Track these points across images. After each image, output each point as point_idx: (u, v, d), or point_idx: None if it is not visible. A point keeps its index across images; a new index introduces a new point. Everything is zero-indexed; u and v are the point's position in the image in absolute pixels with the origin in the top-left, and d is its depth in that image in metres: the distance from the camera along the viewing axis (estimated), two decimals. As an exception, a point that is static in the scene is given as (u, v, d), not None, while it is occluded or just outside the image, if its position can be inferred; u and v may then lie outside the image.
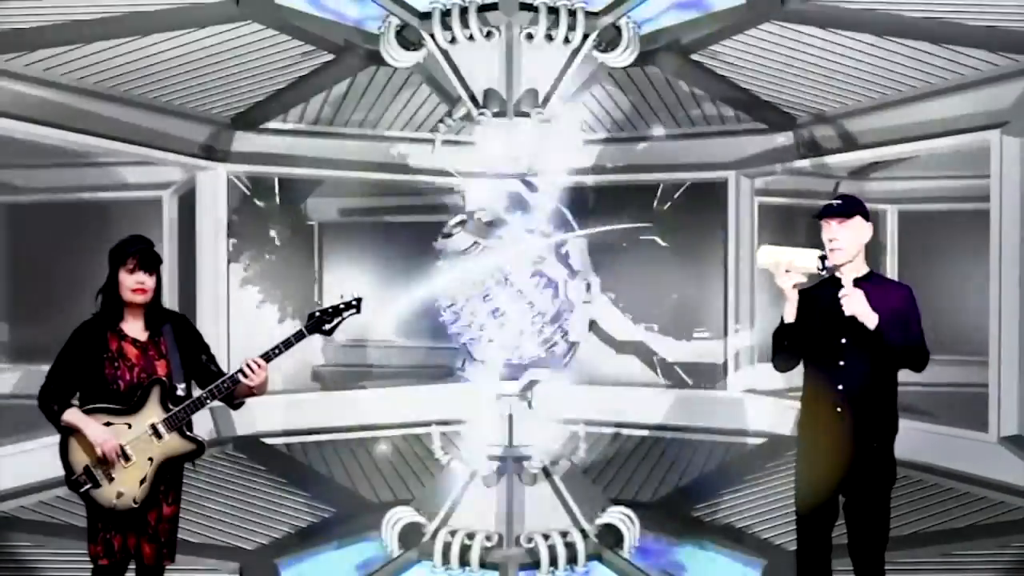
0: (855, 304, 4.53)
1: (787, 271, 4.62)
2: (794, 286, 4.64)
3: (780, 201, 7.87)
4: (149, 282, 4.68)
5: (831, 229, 4.69)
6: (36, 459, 6.20)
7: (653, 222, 7.87)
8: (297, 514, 6.98)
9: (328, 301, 5.01)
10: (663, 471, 7.33)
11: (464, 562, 6.84)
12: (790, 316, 4.68)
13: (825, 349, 4.67)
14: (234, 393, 4.76)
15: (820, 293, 4.74)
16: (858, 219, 4.69)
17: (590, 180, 7.82)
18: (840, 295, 4.56)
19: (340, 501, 7.19)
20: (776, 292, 4.77)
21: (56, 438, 4.69)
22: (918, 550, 6.26)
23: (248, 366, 4.67)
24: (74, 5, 6.62)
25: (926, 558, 6.25)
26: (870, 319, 4.53)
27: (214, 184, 7.72)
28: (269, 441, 7.59)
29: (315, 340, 5.18)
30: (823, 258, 4.61)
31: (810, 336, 4.69)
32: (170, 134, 7.49)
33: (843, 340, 4.64)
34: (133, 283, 4.66)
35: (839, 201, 4.74)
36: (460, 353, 7.64)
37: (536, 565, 6.83)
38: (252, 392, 4.77)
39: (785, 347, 4.75)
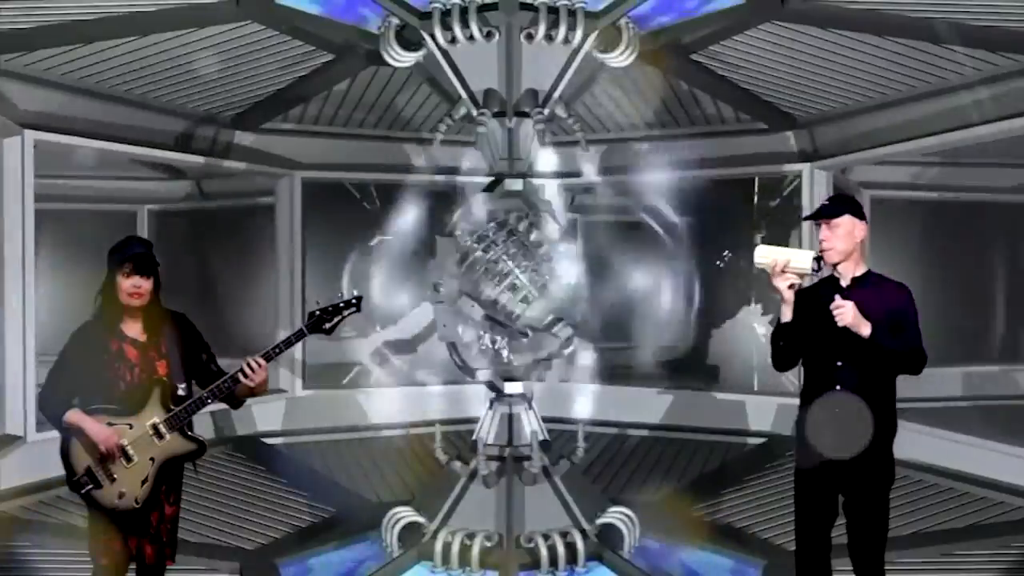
0: (847, 317, 4.52)
1: (783, 271, 4.62)
2: (790, 287, 4.63)
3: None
4: (146, 285, 4.68)
5: (821, 230, 4.69)
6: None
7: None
8: (297, 514, 6.98)
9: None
10: (663, 471, 7.33)
11: (464, 562, 6.84)
12: (786, 316, 4.67)
13: (823, 349, 4.67)
14: (235, 393, 4.76)
15: (818, 292, 4.73)
16: (847, 218, 4.67)
17: (592, 180, 7.83)
18: (832, 308, 4.54)
19: (340, 501, 7.19)
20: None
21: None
22: (918, 550, 6.26)
23: (248, 365, 4.67)
24: (74, 5, 6.62)
25: (926, 558, 6.25)
26: (863, 329, 4.52)
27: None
28: (269, 441, 7.59)
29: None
30: (818, 259, 4.61)
31: (808, 335, 4.68)
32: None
33: (840, 340, 4.64)
34: (130, 287, 4.66)
35: (827, 203, 4.74)
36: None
37: (536, 565, 6.83)
38: (253, 392, 4.76)
39: (782, 347, 4.75)
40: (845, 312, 4.51)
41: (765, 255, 4.67)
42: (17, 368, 6.81)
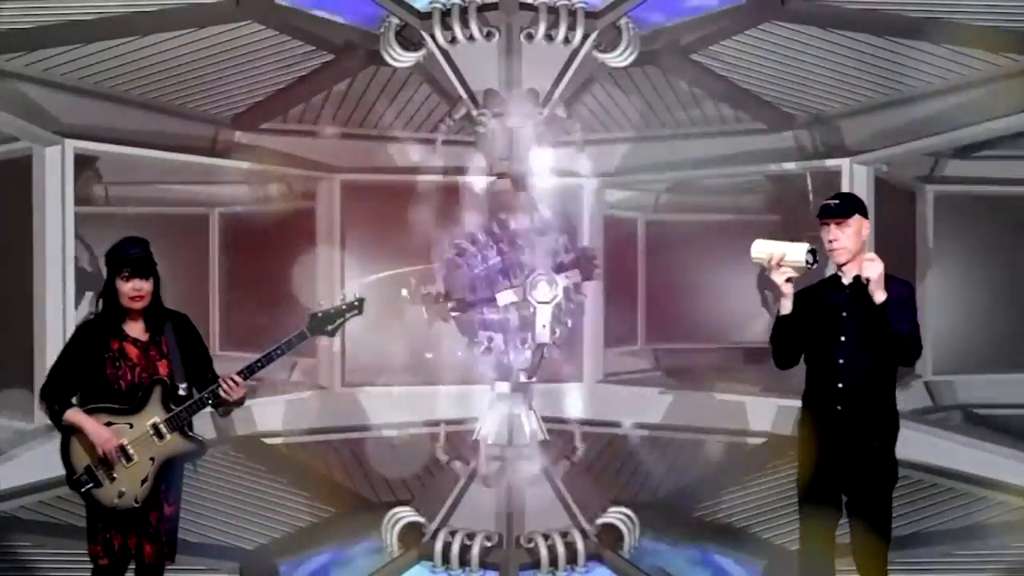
0: (878, 269, 4.49)
1: (779, 264, 4.62)
2: (787, 280, 4.63)
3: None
4: (146, 287, 4.69)
5: (831, 230, 4.68)
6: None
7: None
8: (297, 514, 6.98)
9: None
10: (663, 471, 7.32)
11: (464, 562, 6.84)
12: (786, 309, 4.68)
13: (824, 347, 4.68)
14: (219, 404, 4.76)
15: (819, 291, 4.75)
16: (856, 218, 4.68)
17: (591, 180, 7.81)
18: (866, 258, 4.53)
19: (340, 501, 7.18)
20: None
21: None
22: (918, 550, 6.27)
23: (227, 382, 4.68)
24: (74, 5, 6.63)
25: (926, 558, 6.25)
26: (879, 294, 4.49)
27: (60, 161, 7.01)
28: (269, 441, 7.57)
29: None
30: (812, 251, 4.61)
31: (810, 335, 4.69)
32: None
33: (842, 338, 4.64)
34: (130, 291, 4.67)
35: (836, 201, 4.74)
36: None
37: (536, 565, 6.83)
38: (233, 405, 4.78)
39: (783, 341, 4.75)
40: (876, 264, 4.49)
41: (761, 249, 4.68)
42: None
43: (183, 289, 5.09)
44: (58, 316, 6.84)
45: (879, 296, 4.48)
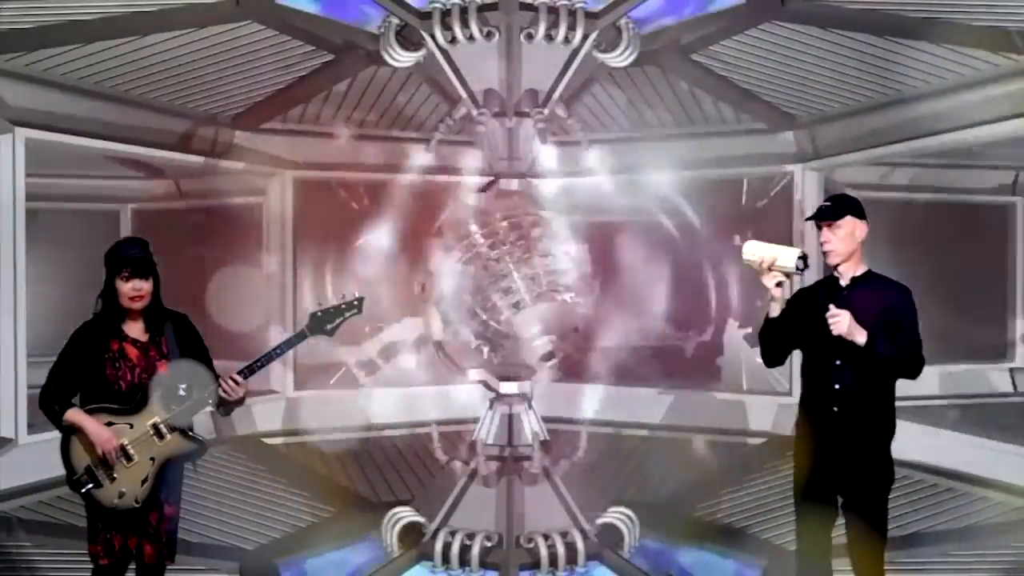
0: (842, 326, 4.52)
1: (769, 269, 4.61)
2: (778, 284, 4.62)
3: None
4: (146, 287, 4.69)
5: (822, 232, 4.69)
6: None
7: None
8: (297, 514, 6.98)
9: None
10: (663, 471, 7.33)
11: (464, 562, 6.84)
12: (774, 312, 4.67)
13: (821, 348, 4.67)
14: (220, 404, 4.76)
15: (816, 292, 4.74)
16: (848, 219, 4.67)
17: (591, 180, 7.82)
18: (827, 316, 4.54)
19: (340, 501, 7.18)
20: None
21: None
22: (918, 550, 6.27)
23: (227, 382, 4.68)
24: (74, 5, 6.63)
25: (926, 558, 6.25)
26: (858, 337, 4.52)
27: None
28: (269, 441, 7.58)
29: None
30: (803, 257, 4.60)
31: (807, 334, 4.68)
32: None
33: (839, 339, 4.63)
34: (130, 291, 4.67)
35: (828, 204, 4.74)
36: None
37: (536, 565, 6.84)
38: (233, 405, 4.78)
39: (771, 343, 4.75)
40: (840, 321, 4.51)
41: (753, 252, 4.68)
42: (8, 369, 6.77)
43: (88, 295, 4.93)
44: (9, 311, 6.76)
45: (860, 340, 4.50)
